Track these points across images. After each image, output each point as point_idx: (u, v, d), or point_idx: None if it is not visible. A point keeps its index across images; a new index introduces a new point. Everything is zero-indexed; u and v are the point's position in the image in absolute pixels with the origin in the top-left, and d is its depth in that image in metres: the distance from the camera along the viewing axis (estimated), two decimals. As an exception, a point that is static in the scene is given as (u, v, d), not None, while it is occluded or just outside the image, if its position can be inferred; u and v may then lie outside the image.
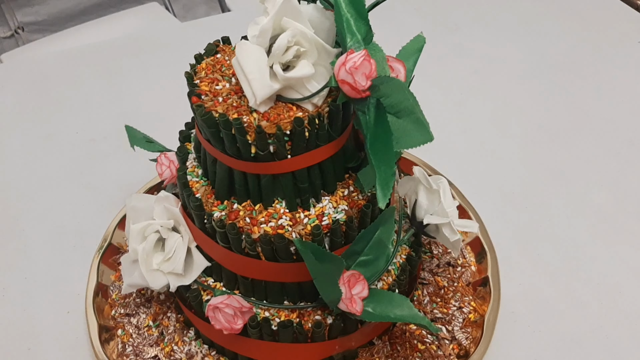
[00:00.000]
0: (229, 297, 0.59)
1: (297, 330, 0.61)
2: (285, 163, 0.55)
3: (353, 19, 0.54)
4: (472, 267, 0.76)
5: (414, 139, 0.53)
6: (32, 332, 0.74)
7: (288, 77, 0.52)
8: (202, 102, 0.55)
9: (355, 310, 0.58)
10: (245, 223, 0.57)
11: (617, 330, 0.73)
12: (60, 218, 0.88)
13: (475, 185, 0.87)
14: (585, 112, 1.03)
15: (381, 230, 0.61)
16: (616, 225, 0.85)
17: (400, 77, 0.59)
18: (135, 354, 0.69)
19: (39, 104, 1.08)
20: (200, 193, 0.61)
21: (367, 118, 0.52)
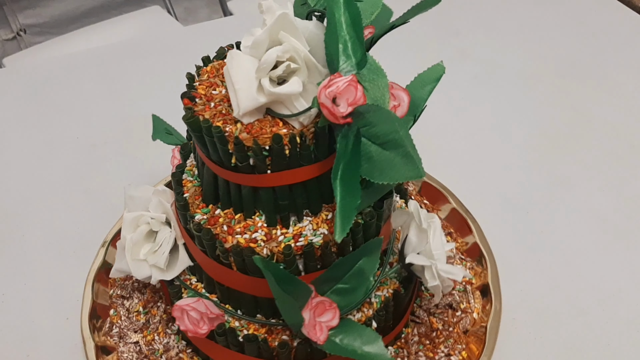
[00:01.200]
0: (197, 300, 0.59)
1: (262, 346, 0.60)
2: (265, 177, 0.54)
3: (351, 42, 0.52)
4: (475, 314, 0.72)
5: (401, 173, 0.50)
6: (31, 338, 0.74)
7: (274, 92, 0.51)
8: (194, 105, 0.55)
9: (318, 339, 0.56)
10: (222, 230, 0.57)
11: (619, 337, 0.73)
12: (60, 223, 0.87)
13: (476, 191, 0.87)
14: (586, 117, 1.03)
15: (364, 261, 0.58)
16: (618, 231, 0.85)
17: (402, 107, 0.57)
18: (120, 336, 0.71)
19: (40, 109, 1.07)
20: (189, 193, 0.61)
21: (344, 145, 0.49)
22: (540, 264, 0.80)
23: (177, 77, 0.76)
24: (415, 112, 0.61)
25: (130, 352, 0.69)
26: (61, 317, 0.75)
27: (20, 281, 0.80)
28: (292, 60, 0.51)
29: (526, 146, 0.98)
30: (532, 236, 0.84)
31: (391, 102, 0.56)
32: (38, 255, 0.83)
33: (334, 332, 0.58)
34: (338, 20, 0.52)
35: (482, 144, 0.98)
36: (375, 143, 0.50)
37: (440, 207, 0.83)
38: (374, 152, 0.50)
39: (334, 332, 0.58)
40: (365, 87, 0.54)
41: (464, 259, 0.77)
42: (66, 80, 1.13)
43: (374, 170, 0.50)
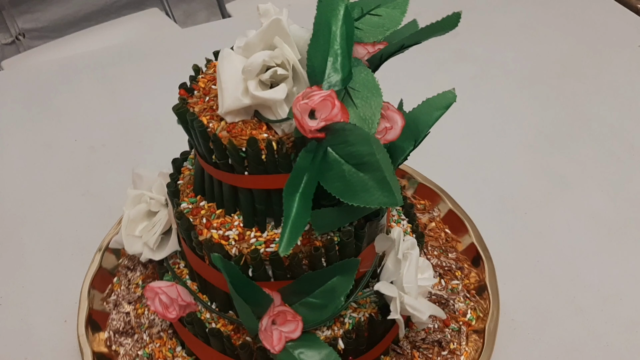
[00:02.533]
0: (171, 285, 0.60)
1: (226, 343, 0.60)
2: (242, 178, 0.54)
3: (341, 57, 0.50)
4: (463, 358, 0.68)
5: (375, 197, 0.49)
6: (29, 341, 0.74)
7: (257, 96, 0.51)
8: (189, 97, 0.56)
9: (273, 347, 0.56)
10: (200, 222, 0.58)
11: (618, 338, 0.72)
12: (58, 226, 0.87)
13: (473, 191, 0.86)
14: (585, 117, 1.03)
15: (338, 279, 0.57)
16: (616, 231, 0.84)
17: (395, 130, 0.55)
18: (115, 304, 0.74)
19: (39, 111, 1.08)
20: (184, 180, 0.62)
21: (308, 159, 0.48)
22: (539, 264, 0.80)
23: (176, 80, 0.75)
24: (417, 137, 0.59)
25: (119, 320, 0.72)
26: (59, 320, 0.76)
27: (18, 284, 0.80)
28: (282, 66, 0.51)
29: (524, 146, 0.98)
30: (530, 237, 0.84)
31: (382, 124, 0.54)
32: (36, 258, 0.83)
33: (294, 344, 0.57)
34: (333, 33, 0.51)
35: (479, 144, 0.97)
36: (349, 163, 0.49)
37: (437, 207, 0.83)
38: (347, 171, 0.49)
39: (294, 345, 0.57)
40: (355, 104, 0.53)
41: (469, 298, 0.73)
42: (64, 83, 1.13)
43: (346, 190, 0.49)
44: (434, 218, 0.82)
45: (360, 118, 0.52)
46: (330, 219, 0.55)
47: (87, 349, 0.68)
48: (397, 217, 0.71)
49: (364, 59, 0.56)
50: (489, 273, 0.74)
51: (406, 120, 0.59)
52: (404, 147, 0.59)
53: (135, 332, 0.71)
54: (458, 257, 0.77)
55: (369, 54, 0.56)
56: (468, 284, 0.75)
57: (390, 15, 0.58)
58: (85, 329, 0.70)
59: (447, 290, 0.73)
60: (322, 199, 0.57)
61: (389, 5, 0.58)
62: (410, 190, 0.87)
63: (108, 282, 0.76)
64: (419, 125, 0.59)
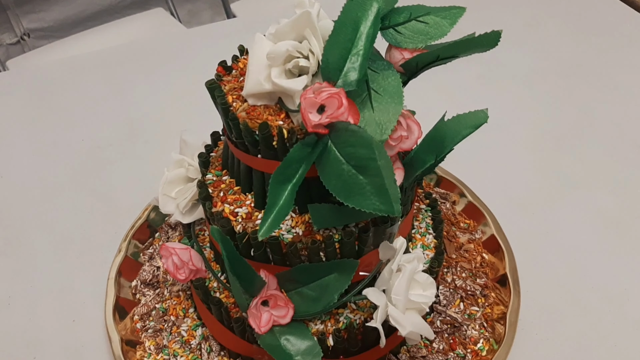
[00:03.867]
0: (185, 248, 0.64)
1: (224, 314, 0.63)
2: (255, 160, 0.56)
3: (362, 58, 0.50)
4: (458, 386, 0.66)
5: (370, 202, 0.49)
6: (37, 341, 0.74)
7: (276, 84, 0.52)
8: (225, 74, 0.59)
9: (258, 328, 0.58)
10: (218, 195, 0.61)
11: (626, 337, 0.72)
12: (65, 226, 0.87)
13: (482, 190, 0.85)
14: (591, 116, 1.03)
15: (334, 277, 0.57)
16: (624, 230, 0.84)
17: (411, 140, 0.54)
18: (150, 257, 0.79)
19: (45, 111, 1.08)
20: (217, 154, 0.65)
21: (304, 152, 0.49)
22: (546, 264, 0.80)
23: (181, 79, 0.77)
24: (440, 152, 0.58)
25: (149, 272, 0.77)
26: (67, 320, 0.76)
27: (26, 283, 0.80)
28: (306, 58, 0.52)
29: (531, 146, 0.98)
30: (537, 236, 0.84)
31: (399, 132, 0.53)
32: (44, 258, 0.84)
33: (282, 329, 0.59)
34: (360, 32, 0.50)
35: (486, 143, 0.96)
36: (349, 163, 0.49)
37: (480, 228, 0.82)
38: (345, 171, 0.49)
39: (282, 330, 0.58)
40: (373, 107, 0.52)
41: (485, 327, 0.70)
42: (70, 82, 1.13)
43: (341, 189, 0.49)
44: (474, 240, 0.79)
45: (375, 122, 0.52)
46: (330, 215, 0.55)
47: (115, 334, 0.70)
48: (424, 230, 0.70)
49: (397, 64, 0.55)
50: (509, 262, 0.75)
51: (432, 133, 0.59)
52: (426, 159, 0.58)
53: (159, 286, 0.76)
54: (486, 284, 0.74)
55: (403, 60, 0.55)
56: (489, 314, 0.72)
57: (438, 24, 0.56)
58: (113, 315, 0.72)
59: (464, 314, 0.71)
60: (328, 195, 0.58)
61: (439, 14, 0.57)
62: (459, 206, 0.84)
63: (135, 269, 0.79)
64: (444, 141, 0.58)
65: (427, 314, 0.70)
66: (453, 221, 0.81)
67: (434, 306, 0.71)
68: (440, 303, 0.71)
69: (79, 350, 0.73)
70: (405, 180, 0.58)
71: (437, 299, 0.72)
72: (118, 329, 0.71)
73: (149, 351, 0.70)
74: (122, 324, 0.72)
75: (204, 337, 0.69)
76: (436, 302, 0.72)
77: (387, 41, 0.55)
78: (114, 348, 0.69)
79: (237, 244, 0.58)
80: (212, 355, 0.68)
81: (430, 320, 0.70)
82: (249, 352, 0.65)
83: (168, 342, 0.70)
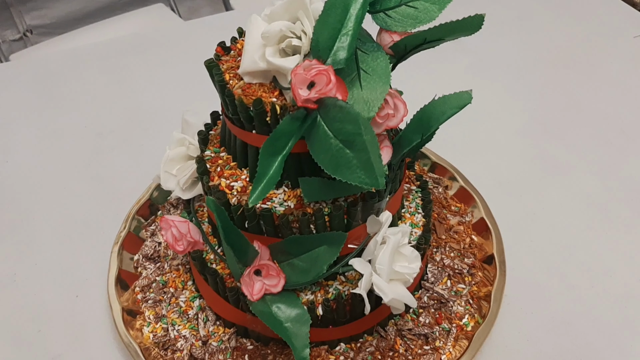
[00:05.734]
0: (184, 221, 0.67)
1: (219, 284, 0.66)
2: (249, 136, 0.59)
3: (350, 38, 0.53)
4: (443, 357, 0.68)
5: (356, 175, 0.52)
6: (42, 315, 0.77)
7: (270, 62, 0.55)
8: (223, 55, 0.62)
9: (251, 295, 0.61)
10: (215, 170, 0.64)
11: (606, 312, 0.76)
12: (68, 208, 0.91)
13: (473, 175, 0.88)
14: (578, 103, 1.07)
15: (324, 249, 0.60)
16: (607, 211, 0.88)
17: (397, 118, 0.57)
18: (152, 233, 0.83)
19: (48, 100, 1.10)
20: (216, 132, 0.68)
21: (294, 126, 0.52)
22: (533, 245, 0.83)
23: (180, 70, 0.79)
24: (426, 131, 0.60)
25: (151, 247, 0.80)
26: (71, 295, 0.79)
27: (31, 262, 0.84)
28: (298, 38, 0.55)
29: (520, 132, 1.02)
30: (525, 218, 0.87)
31: (386, 110, 0.56)
32: (48, 238, 0.87)
33: (274, 298, 0.61)
34: (350, 14, 0.53)
35: (477, 130, 1.01)
36: (337, 138, 0.52)
37: (470, 212, 0.85)
38: (333, 145, 0.52)
39: (273, 298, 0.61)
40: (361, 86, 0.55)
41: (471, 304, 0.73)
42: (72, 72, 1.16)
43: (329, 163, 0.52)
44: (464, 222, 0.82)
45: (363, 99, 0.54)
46: (320, 189, 0.58)
47: (116, 304, 0.73)
48: (413, 210, 0.72)
49: (386, 47, 0.58)
50: (496, 243, 0.78)
51: (419, 114, 0.62)
52: (412, 138, 0.61)
53: (160, 260, 0.79)
54: (474, 264, 0.77)
55: (392, 42, 0.58)
56: (475, 292, 0.74)
57: (427, 9, 0.59)
58: (115, 286, 0.75)
59: (450, 291, 0.74)
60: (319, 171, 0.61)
61: (428, 0, 0.60)
62: (452, 191, 0.87)
63: (137, 244, 0.82)
64: (430, 121, 0.60)
65: (415, 290, 0.73)
66: (444, 204, 0.84)
67: (422, 283, 0.74)
68: (428, 280, 0.74)
69: (82, 324, 0.77)
70: (393, 157, 0.61)
71: (425, 276, 0.75)
72: (120, 300, 0.74)
73: (149, 320, 0.73)
74: (123, 296, 0.75)
75: (201, 307, 0.72)
76: (424, 279, 0.74)
77: (378, 24, 0.58)
78: (115, 316, 0.72)
79: (232, 215, 0.61)
80: (208, 325, 0.71)
81: (418, 296, 0.73)
82: (242, 321, 0.68)
83: (167, 312, 0.73)
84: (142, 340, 0.71)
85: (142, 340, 0.71)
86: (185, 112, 0.75)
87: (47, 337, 0.75)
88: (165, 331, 0.72)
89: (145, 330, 0.72)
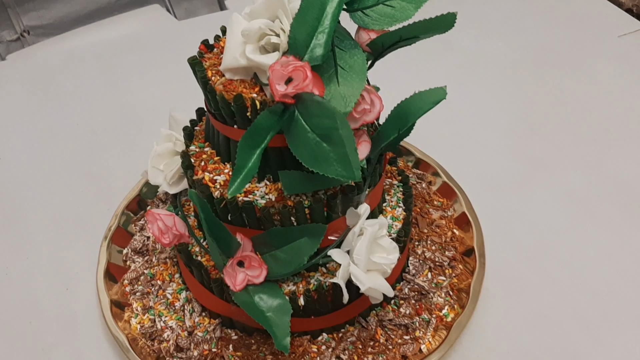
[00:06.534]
0: (170, 215, 0.68)
1: (204, 275, 0.68)
2: (232, 130, 0.61)
3: (327, 36, 0.55)
4: (422, 346, 0.70)
5: (333, 168, 0.54)
6: (32, 307, 0.79)
7: (250, 59, 0.57)
8: (206, 52, 0.64)
9: (233, 286, 0.63)
10: (199, 165, 0.66)
11: (584, 304, 0.78)
12: (60, 203, 0.93)
13: (458, 171, 0.90)
14: (564, 103, 1.09)
15: (305, 240, 0.62)
16: (588, 207, 0.90)
17: (373, 112, 0.59)
18: (141, 228, 0.84)
19: (42, 99, 1.12)
20: (201, 128, 0.70)
21: (272, 120, 0.54)
22: (514, 239, 0.85)
23: (173, 69, 0.84)
24: (402, 126, 0.62)
25: (139, 241, 0.82)
26: (61, 288, 0.81)
27: (22, 256, 0.86)
28: (277, 36, 0.56)
29: (506, 130, 1.04)
30: (507, 213, 0.89)
31: (363, 105, 0.58)
32: (40, 233, 0.89)
33: (256, 288, 0.63)
34: (326, 12, 0.55)
35: (465, 128, 1.04)
36: (314, 132, 0.54)
37: (453, 207, 0.87)
38: (311, 139, 0.54)
39: (255, 289, 0.63)
40: (338, 82, 0.57)
41: (450, 295, 0.75)
42: (66, 72, 1.18)
43: (308, 157, 0.54)
44: (446, 217, 0.84)
45: (340, 95, 0.56)
46: (299, 182, 0.60)
47: (105, 296, 0.75)
48: (394, 204, 0.74)
49: (364, 44, 0.60)
50: (476, 236, 0.81)
51: (396, 109, 0.63)
52: (389, 133, 0.63)
53: (148, 254, 0.81)
54: (454, 257, 0.79)
55: (369, 40, 0.60)
56: (456, 283, 0.76)
57: (403, 7, 0.61)
58: (104, 278, 0.77)
59: (431, 283, 0.75)
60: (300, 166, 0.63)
61: (405, -1, 0.62)
62: (435, 187, 0.89)
63: (126, 239, 0.84)
64: (407, 116, 0.62)
65: (396, 282, 0.75)
66: (427, 199, 0.86)
67: (403, 275, 0.76)
68: (409, 272, 0.76)
69: (72, 316, 0.78)
70: (372, 152, 0.63)
71: (407, 268, 0.77)
72: (108, 292, 0.76)
73: (136, 312, 0.75)
74: (112, 289, 0.77)
75: (187, 299, 0.74)
76: (406, 271, 0.76)
77: (356, 23, 0.60)
78: (103, 309, 0.74)
79: (215, 208, 0.63)
80: (194, 316, 0.73)
81: (399, 288, 0.75)
82: (227, 312, 0.70)
83: (154, 304, 0.75)
84: (130, 331, 0.73)
85: (130, 331, 0.73)
86: (172, 109, 0.77)
87: (38, 328, 0.77)
88: (152, 322, 0.73)
89: (133, 322, 0.74)
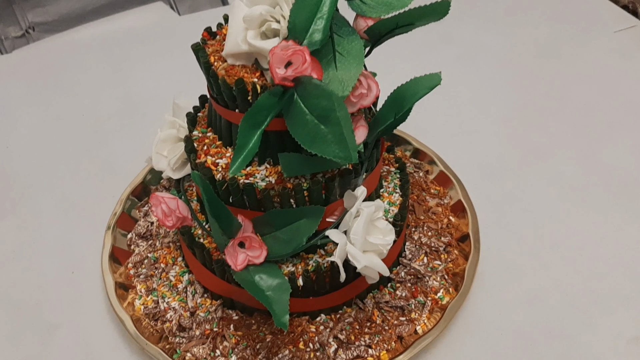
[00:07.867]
0: (173, 198, 0.70)
1: (206, 256, 0.70)
2: (233, 114, 0.63)
3: (325, 21, 0.57)
4: (418, 327, 0.72)
5: (331, 150, 0.56)
6: (39, 289, 0.82)
7: (251, 44, 0.59)
8: (209, 39, 0.66)
9: (234, 265, 0.65)
10: (202, 149, 0.68)
11: (576, 287, 0.80)
12: (66, 189, 0.95)
13: (455, 161, 0.93)
14: (560, 95, 1.11)
15: (304, 222, 0.64)
16: (581, 194, 0.93)
17: (370, 97, 0.61)
18: (145, 214, 0.87)
19: (48, 88, 1.15)
20: (204, 114, 0.72)
21: (272, 101, 0.56)
22: (509, 225, 0.88)
23: (176, 59, 0.92)
24: (399, 110, 0.64)
25: (144, 227, 0.84)
26: (67, 271, 0.84)
27: (30, 239, 0.88)
28: (278, 22, 0.58)
29: (504, 121, 1.06)
30: (503, 201, 0.91)
31: (360, 89, 0.60)
32: (47, 216, 0.91)
33: (256, 268, 0.65)
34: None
35: (462, 118, 1.07)
36: (312, 114, 0.56)
37: (449, 194, 0.89)
38: (309, 121, 0.56)
39: (256, 269, 0.65)
40: (337, 66, 0.59)
41: (446, 279, 0.77)
42: (72, 62, 1.22)
43: (306, 138, 0.56)
44: (443, 204, 0.86)
45: (338, 79, 0.58)
46: (299, 164, 0.62)
47: (110, 278, 0.77)
48: (391, 190, 0.76)
49: (361, 31, 0.62)
50: (472, 222, 0.83)
51: (393, 95, 0.65)
52: (386, 118, 0.65)
53: (152, 238, 0.83)
54: (450, 243, 0.81)
55: (366, 27, 0.62)
56: (451, 268, 0.78)
57: (400, -4, 0.63)
58: (109, 261, 0.79)
59: (427, 267, 0.77)
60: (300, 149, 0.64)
61: (402, -13, 0.63)
62: (432, 175, 0.91)
63: (131, 224, 0.86)
64: (403, 101, 0.64)
65: (393, 266, 0.77)
66: (424, 187, 0.88)
67: (400, 260, 0.78)
68: (406, 257, 0.78)
69: (77, 297, 0.81)
70: (369, 136, 0.65)
71: (403, 253, 0.79)
72: (113, 275, 0.78)
73: (140, 293, 0.77)
74: (117, 272, 0.79)
75: (189, 282, 0.76)
76: (402, 256, 0.78)
77: (354, 10, 0.62)
78: (108, 290, 0.76)
79: (217, 190, 0.65)
80: (196, 297, 0.75)
81: (395, 272, 0.77)
82: (228, 293, 0.72)
83: (157, 286, 0.77)
84: (134, 312, 0.75)
85: (134, 312, 0.75)
86: (176, 96, 0.79)
87: (44, 309, 0.79)
88: (155, 303, 0.75)
89: (137, 303, 0.76)
